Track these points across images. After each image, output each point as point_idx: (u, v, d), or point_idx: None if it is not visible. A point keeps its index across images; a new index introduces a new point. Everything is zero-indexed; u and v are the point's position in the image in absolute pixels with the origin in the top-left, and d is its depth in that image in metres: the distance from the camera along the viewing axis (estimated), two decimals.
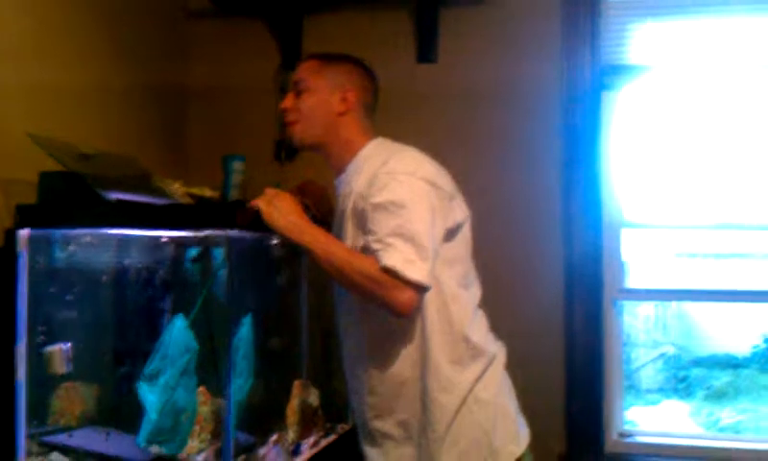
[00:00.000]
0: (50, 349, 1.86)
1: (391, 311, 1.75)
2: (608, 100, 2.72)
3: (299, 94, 1.99)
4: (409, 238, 1.73)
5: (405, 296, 1.71)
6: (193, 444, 2.05)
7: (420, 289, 1.74)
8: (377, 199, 1.78)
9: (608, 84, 2.70)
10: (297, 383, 2.27)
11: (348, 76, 2.01)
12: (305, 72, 2.00)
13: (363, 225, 1.82)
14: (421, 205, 1.79)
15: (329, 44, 2.79)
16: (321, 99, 1.97)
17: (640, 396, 3.36)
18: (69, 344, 1.89)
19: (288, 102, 2.00)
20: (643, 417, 3.12)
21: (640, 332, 3.49)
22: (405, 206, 1.76)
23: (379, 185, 1.80)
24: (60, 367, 1.87)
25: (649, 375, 3.49)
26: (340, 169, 2.00)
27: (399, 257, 1.71)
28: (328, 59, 2.03)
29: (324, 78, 1.98)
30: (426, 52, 2.74)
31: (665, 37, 2.67)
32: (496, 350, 1.95)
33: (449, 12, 2.75)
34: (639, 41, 2.70)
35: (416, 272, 1.71)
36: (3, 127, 1.93)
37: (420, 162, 1.88)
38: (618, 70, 2.70)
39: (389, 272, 1.70)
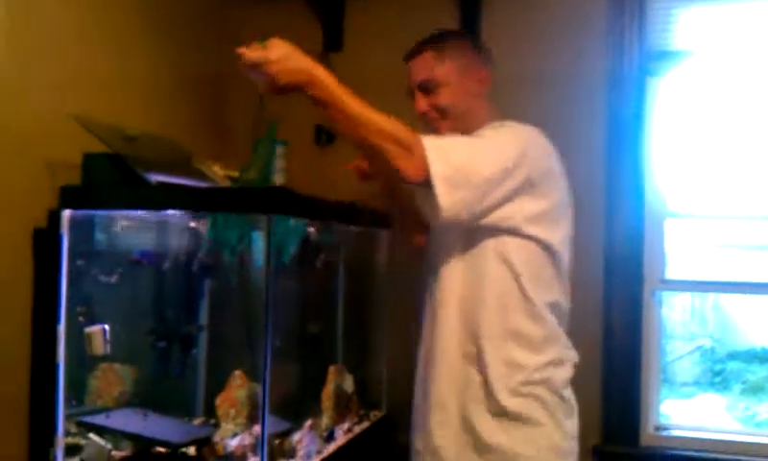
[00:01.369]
0: (90, 330, 1.87)
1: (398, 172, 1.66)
2: (652, 86, 2.66)
3: (429, 92, 1.87)
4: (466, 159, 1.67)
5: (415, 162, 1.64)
6: (228, 427, 2.06)
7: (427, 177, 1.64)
8: None
9: (653, 70, 2.64)
10: (332, 369, 2.27)
11: (467, 53, 1.91)
12: (426, 69, 1.88)
13: None
14: (508, 145, 1.73)
15: (372, 27, 2.78)
16: (455, 88, 1.87)
17: (675, 389, 3.32)
18: (107, 325, 1.89)
19: (422, 105, 1.88)
20: (678, 410, 3.08)
21: (677, 324, 3.44)
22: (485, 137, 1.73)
23: None
24: (100, 348, 1.88)
25: (685, 367, 3.45)
26: None
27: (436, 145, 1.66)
28: (439, 44, 1.90)
29: (448, 65, 1.87)
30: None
31: (711, 22, 2.61)
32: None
33: None
34: (685, 26, 2.64)
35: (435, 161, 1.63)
36: (48, 110, 1.93)
37: (531, 131, 1.82)
38: (663, 56, 2.64)
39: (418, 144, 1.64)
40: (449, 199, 1.64)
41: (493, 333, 1.77)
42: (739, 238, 3.00)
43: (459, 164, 1.66)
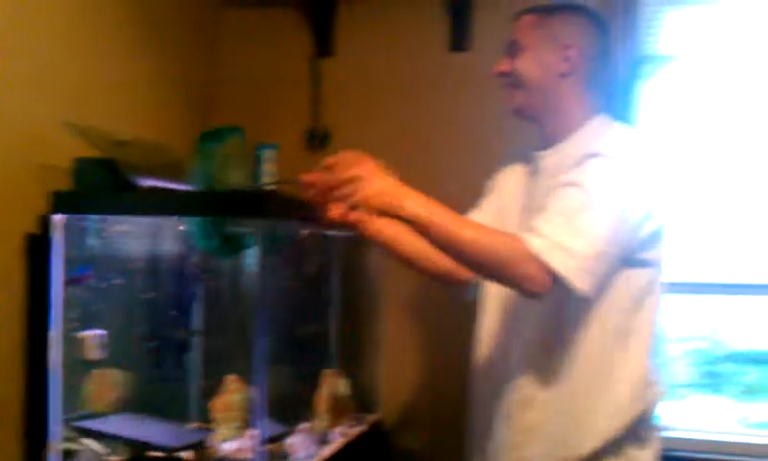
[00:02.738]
0: (83, 334, 1.87)
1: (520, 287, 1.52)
2: (641, 90, 2.67)
3: (514, 55, 1.74)
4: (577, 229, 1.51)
5: (534, 272, 1.47)
6: (223, 431, 2.06)
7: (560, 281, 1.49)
8: (568, 178, 1.57)
9: (641, 74, 2.66)
10: (326, 373, 2.27)
11: (572, 29, 1.73)
12: (521, 30, 1.74)
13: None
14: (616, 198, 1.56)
15: (362, 31, 2.80)
16: (539, 58, 1.72)
17: (670, 390, 3.32)
18: (102, 330, 1.89)
19: (503, 65, 1.75)
20: (672, 411, 3.08)
21: (669, 326, 3.45)
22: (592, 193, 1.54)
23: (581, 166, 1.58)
24: (94, 353, 1.89)
25: (678, 369, 3.46)
26: (547, 144, 1.78)
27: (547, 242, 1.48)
28: (549, 11, 1.75)
29: (543, 33, 1.72)
30: (460, 40, 2.71)
31: (699, 25, 2.62)
32: None
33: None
34: (673, 30, 2.65)
35: (559, 261, 1.48)
36: (38, 114, 1.93)
37: (645, 156, 1.65)
38: (651, 59, 2.66)
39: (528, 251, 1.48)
40: (587, 287, 1.52)
41: None
42: (732, 239, 3.01)
43: (582, 252, 1.51)
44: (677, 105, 2.72)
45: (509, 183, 1.91)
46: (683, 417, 3.05)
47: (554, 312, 1.68)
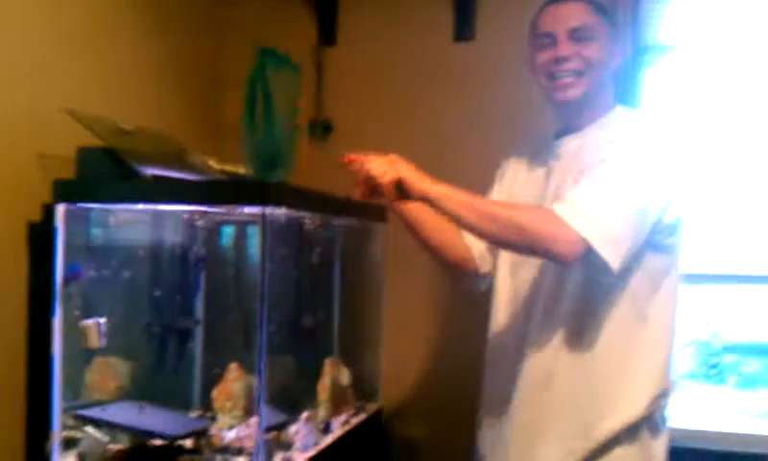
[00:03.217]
0: (85, 323, 1.87)
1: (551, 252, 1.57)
2: (645, 78, 2.67)
3: (579, 41, 1.72)
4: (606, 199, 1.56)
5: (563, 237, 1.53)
6: (225, 419, 2.06)
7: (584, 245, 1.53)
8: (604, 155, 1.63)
9: (645, 63, 2.65)
10: (328, 361, 2.27)
11: (612, 29, 1.78)
12: (585, 16, 1.74)
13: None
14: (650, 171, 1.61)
15: (366, 20, 2.79)
16: (605, 51, 1.74)
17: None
18: (104, 319, 1.89)
19: (568, 49, 1.72)
20: (675, 402, 3.09)
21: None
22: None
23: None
24: (96, 341, 1.88)
25: (680, 360, 3.46)
26: (568, 130, 1.82)
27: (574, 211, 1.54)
28: (600, 7, 1.77)
29: (603, 28, 1.75)
30: (464, 29, 2.70)
31: (701, 15, 2.62)
32: None
33: None
34: (675, 19, 2.65)
35: (586, 228, 1.53)
36: (41, 103, 1.93)
37: (669, 142, 1.69)
38: (654, 49, 2.65)
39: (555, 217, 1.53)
40: (615, 258, 1.56)
41: None
42: (733, 230, 3.00)
43: (609, 223, 1.56)
44: (679, 94, 2.71)
45: (520, 172, 1.92)
46: (685, 408, 3.06)
47: (576, 293, 1.71)
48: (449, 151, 2.64)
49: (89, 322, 1.87)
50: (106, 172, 1.86)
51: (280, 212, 1.86)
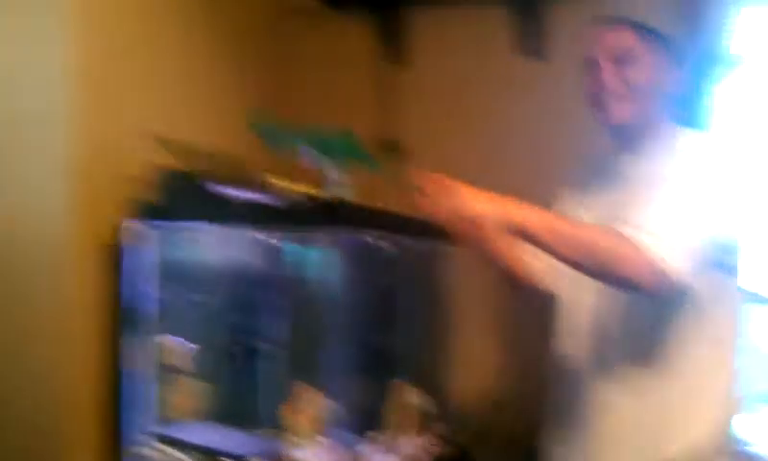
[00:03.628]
0: (165, 342, 1.90)
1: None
2: (715, 93, 2.61)
3: (621, 64, 1.71)
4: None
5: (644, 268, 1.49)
6: (295, 439, 2.06)
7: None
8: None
9: (713, 74, 2.59)
10: (399, 384, 2.26)
11: (669, 46, 1.74)
12: (626, 38, 1.71)
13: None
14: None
15: (434, 39, 2.78)
16: (652, 71, 1.71)
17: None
18: (184, 338, 1.92)
19: (609, 73, 1.71)
20: (745, 425, 3.01)
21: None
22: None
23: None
24: (174, 360, 1.91)
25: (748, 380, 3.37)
26: (625, 150, 1.79)
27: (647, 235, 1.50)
28: (644, 27, 1.71)
29: (649, 49, 1.71)
30: (529, 46, 2.67)
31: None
32: None
33: (555, 5, 2.67)
34: (744, 30, 2.59)
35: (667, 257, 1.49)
36: (119, 123, 1.97)
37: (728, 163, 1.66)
38: (722, 61, 2.59)
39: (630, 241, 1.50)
40: (689, 283, 1.56)
41: None
42: None
43: (684, 248, 1.53)
44: (747, 107, 2.65)
45: (582, 193, 1.90)
46: (755, 430, 2.98)
47: (642, 315, 1.68)
48: (519, 169, 2.60)
49: (169, 340, 1.90)
50: (182, 193, 1.89)
51: (354, 234, 1.87)
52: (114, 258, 1.90)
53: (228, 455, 1.96)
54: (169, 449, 1.92)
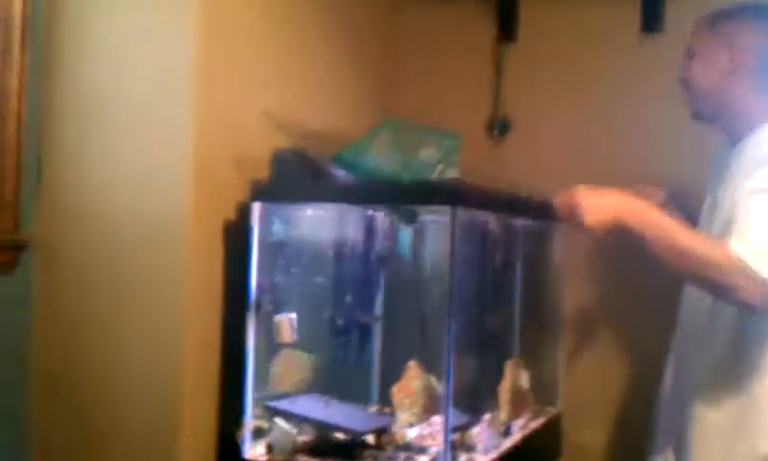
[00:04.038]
0: (278, 318, 1.94)
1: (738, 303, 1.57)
2: None
3: (689, 59, 1.83)
4: None
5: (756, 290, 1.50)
6: (404, 416, 2.07)
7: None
8: (754, 183, 1.58)
9: None
10: (509, 363, 2.23)
11: (739, 29, 1.75)
12: (695, 36, 1.83)
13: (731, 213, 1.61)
14: None
15: (547, 16, 2.70)
16: (706, 62, 1.78)
17: None
18: (294, 314, 1.95)
19: (680, 70, 1.86)
20: None
21: None
22: None
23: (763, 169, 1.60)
24: (288, 336, 1.95)
25: None
26: (733, 143, 1.80)
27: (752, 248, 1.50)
28: (718, 16, 1.80)
29: (712, 38, 1.78)
30: (652, 21, 2.57)
31: None
32: None
33: None
34: None
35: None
36: (240, 107, 2.00)
37: None
38: None
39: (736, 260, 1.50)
40: None
41: None
42: None
43: None
44: None
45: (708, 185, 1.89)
46: None
47: (744, 320, 1.68)
48: (634, 152, 2.51)
49: (282, 316, 1.93)
50: (297, 173, 1.92)
51: (466, 213, 1.85)
52: (232, 237, 1.95)
53: (340, 429, 1.99)
54: (284, 422, 1.96)
